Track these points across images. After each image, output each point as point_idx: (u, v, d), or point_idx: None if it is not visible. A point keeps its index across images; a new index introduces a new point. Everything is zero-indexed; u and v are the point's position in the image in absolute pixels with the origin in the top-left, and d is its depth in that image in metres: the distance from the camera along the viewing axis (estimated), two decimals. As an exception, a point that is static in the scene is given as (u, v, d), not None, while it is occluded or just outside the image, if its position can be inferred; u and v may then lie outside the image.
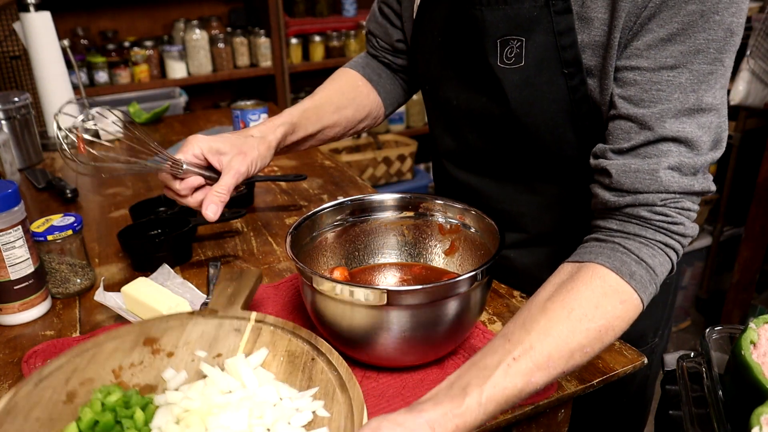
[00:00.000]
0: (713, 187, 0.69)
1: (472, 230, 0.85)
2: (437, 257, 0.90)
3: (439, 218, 0.88)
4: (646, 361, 0.76)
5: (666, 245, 0.67)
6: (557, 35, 0.74)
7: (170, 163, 0.80)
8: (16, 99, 1.57)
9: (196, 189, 0.84)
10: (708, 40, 0.65)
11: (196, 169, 0.83)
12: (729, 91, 2.34)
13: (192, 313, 0.73)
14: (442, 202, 0.87)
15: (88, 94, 1.96)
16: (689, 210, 0.68)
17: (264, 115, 1.53)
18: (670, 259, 0.68)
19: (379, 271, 0.89)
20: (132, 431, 0.59)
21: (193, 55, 2.81)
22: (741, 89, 2.27)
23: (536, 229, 0.92)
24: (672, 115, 0.66)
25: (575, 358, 0.61)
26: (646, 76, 0.68)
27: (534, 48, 0.76)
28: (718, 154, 0.69)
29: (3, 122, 1.54)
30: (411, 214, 0.89)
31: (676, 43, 0.66)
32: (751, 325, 0.67)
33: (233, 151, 0.83)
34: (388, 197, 0.89)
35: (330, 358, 0.66)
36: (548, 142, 0.82)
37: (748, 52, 2.22)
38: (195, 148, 0.83)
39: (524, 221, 0.92)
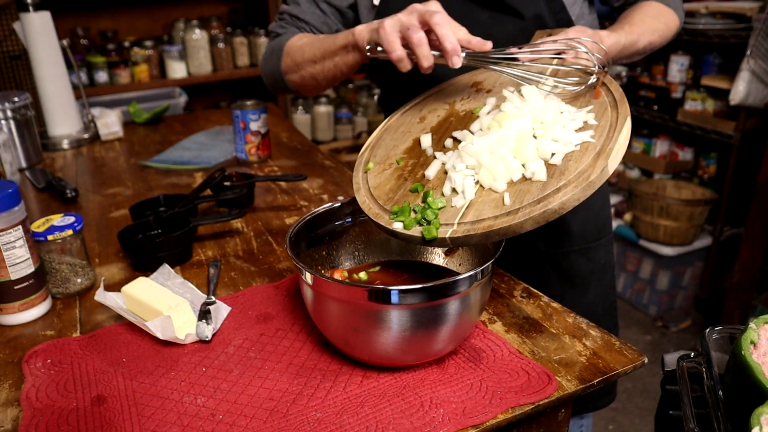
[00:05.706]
0: None
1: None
2: (437, 257, 0.90)
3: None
4: (646, 360, 0.76)
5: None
6: None
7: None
8: (16, 99, 1.57)
9: None
10: None
11: None
12: (729, 91, 2.34)
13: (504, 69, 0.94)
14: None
15: (88, 94, 1.96)
16: None
17: (264, 115, 1.53)
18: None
19: (379, 271, 0.89)
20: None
21: (193, 55, 2.81)
22: (741, 89, 2.26)
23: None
24: None
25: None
26: None
27: None
28: None
29: (3, 122, 1.54)
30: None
31: None
32: (751, 325, 0.67)
33: None
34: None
35: (609, 87, 0.82)
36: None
37: (748, 52, 2.22)
38: None
39: None
